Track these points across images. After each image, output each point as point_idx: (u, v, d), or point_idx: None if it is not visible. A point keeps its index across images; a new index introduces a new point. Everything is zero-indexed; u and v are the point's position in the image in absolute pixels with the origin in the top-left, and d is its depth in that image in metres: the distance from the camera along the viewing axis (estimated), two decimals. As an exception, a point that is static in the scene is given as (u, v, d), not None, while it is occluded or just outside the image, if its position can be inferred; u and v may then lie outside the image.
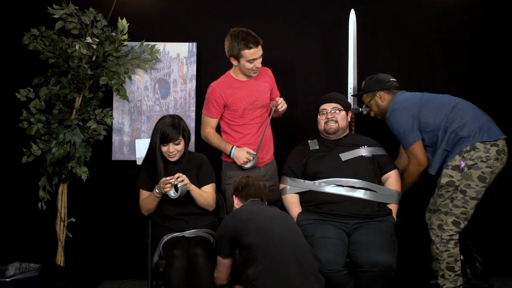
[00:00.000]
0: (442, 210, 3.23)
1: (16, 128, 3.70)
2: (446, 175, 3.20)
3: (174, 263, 2.95)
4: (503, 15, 4.14)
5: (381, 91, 3.43)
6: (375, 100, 3.45)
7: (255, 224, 2.77)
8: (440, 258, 3.25)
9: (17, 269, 3.56)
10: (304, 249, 2.76)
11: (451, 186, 3.20)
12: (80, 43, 3.68)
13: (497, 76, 4.16)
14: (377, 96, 3.44)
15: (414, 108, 3.29)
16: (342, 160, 3.25)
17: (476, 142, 3.16)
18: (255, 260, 2.68)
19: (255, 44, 3.29)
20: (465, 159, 3.17)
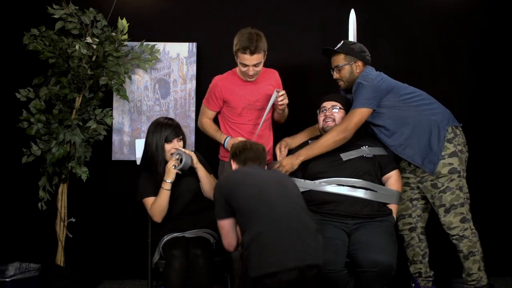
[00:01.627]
0: (456, 203, 3.17)
1: (16, 128, 3.70)
2: (445, 164, 3.16)
3: (173, 263, 2.95)
4: (503, 15, 4.15)
5: (361, 61, 3.34)
6: (351, 67, 3.34)
7: (247, 186, 2.68)
8: (475, 250, 3.18)
9: (17, 269, 3.56)
10: (299, 210, 2.67)
11: (454, 174, 3.16)
12: (80, 43, 3.68)
13: (497, 76, 4.16)
14: (355, 64, 3.33)
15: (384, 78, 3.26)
16: (343, 160, 3.25)
17: (451, 125, 3.21)
18: (250, 224, 2.58)
19: (250, 52, 3.26)
20: (455, 145, 3.19)
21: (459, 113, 3.43)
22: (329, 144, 3.19)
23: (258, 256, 2.51)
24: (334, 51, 3.38)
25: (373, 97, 3.19)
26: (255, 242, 2.54)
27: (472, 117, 4.08)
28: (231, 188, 2.71)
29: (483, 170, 4.05)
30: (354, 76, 3.33)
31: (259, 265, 2.50)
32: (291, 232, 2.55)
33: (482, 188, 4.04)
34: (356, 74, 3.33)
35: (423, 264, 3.42)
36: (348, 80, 3.36)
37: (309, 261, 2.53)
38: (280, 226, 2.56)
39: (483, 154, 4.06)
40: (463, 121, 3.38)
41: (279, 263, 2.48)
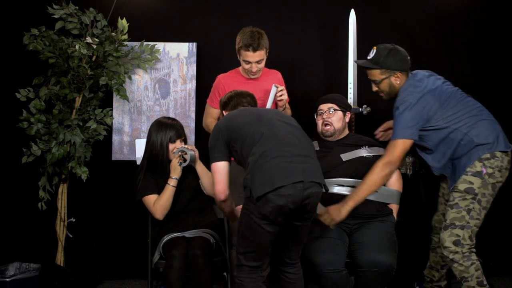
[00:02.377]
0: (457, 224, 2.84)
1: (16, 128, 3.70)
2: (465, 181, 2.86)
3: (173, 263, 2.95)
4: (503, 14, 4.15)
5: (400, 71, 3.00)
6: (390, 80, 3.01)
7: (245, 117, 2.72)
8: (467, 276, 2.82)
9: (17, 269, 3.56)
10: (299, 133, 2.73)
11: (469, 194, 2.85)
12: (80, 43, 3.68)
13: (497, 76, 4.16)
14: (394, 76, 3.00)
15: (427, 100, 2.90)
16: (343, 160, 3.25)
17: (495, 150, 2.88)
18: (253, 147, 2.59)
19: (253, 49, 3.31)
20: (486, 167, 2.86)
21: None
22: (377, 182, 2.91)
23: (262, 175, 2.51)
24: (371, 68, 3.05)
25: (414, 125, 2.88)
26: (259, 162, 2.54)
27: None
28: (229, 126, 2.72)
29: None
30: (395, 88, 3.02)
31: (263, 183, 2.49)
32: (293, 151, 2.57)
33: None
34: (397, 85, 3.01)
35: (439, 273, 3.32)
36: (389, 93, 3.06)
37: (313, 178, 2.54)
38: (283, 145, 2.58)
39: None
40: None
41: (284, 179, 2.48)
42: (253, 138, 2.62)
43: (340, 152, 3.28)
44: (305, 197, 2.53)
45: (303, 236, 2.72)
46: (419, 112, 2.89)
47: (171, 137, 3.20)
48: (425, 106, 2.90)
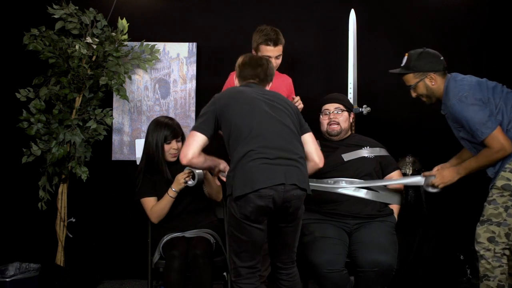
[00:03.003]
0: (494, 220, 2.84)
1: (16, 128, 3.70)
2: (503, 177, 2.84)
3: (173, 263, 2.95)
4: (503, 14, 4.14)
5: (433, 72, 2.99)
6: (425, 82, 2.99)
7: (239, 104, 2.68)
8: (491, 275, 2.82)
9: (17, 269, 3.56)
10: (290, 134, 2.65)
11: (506, 191, 2.82)
12: (80, 43, 3.68)
13: (497, 76, 4.15)
14: (427, 78, 2.98)
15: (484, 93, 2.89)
16: (345, 160, 3.25)
17: None
18: (239, 143, 2.59)
19: (273, 43, 3.33)
20: None
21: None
22: (494, 160, 2.86)
23: (243, 175, 2.52)
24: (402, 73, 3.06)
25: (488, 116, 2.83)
26: (242, 161, 2.54)
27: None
28: (225, 103, 2.71)
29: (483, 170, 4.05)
30: (432, 89, 3.00)
31: (245, 183, 2.50)
32: (278, 154, 2.55)
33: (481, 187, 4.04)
34: (434, 86, 2.99)
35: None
36: (429, 95, 3.03)
37: (295, 181, 2.53)
38: (268, 147, 2.56)
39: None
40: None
41: (265, 181, 2.49)
42: (241, 132, 2.60)
43: (342, 152, 3.28)
44: (286, 199, 2.52)
45: (291, 239, 2.68)
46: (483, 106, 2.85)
47: (167, 137, 3.19)
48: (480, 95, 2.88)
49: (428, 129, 4.05)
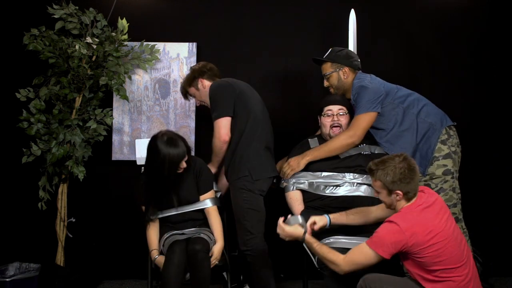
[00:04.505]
0: (449, 204, 3.10)
1: (16, 128, 3.70)
2: (440, 166, 3.15)
3: (173, 258, 2.95)
4: (503, 15, 4.14)
5: (348, 67, 3.33)
6: (338, 74, 3.34)
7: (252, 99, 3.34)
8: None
9: (17, 269, 3.56)
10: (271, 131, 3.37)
11: (448, 175, 3.15)
12: (80, 43, 3.68)
13: (497, 76, 4.16)
14: (342, 70, 3.33)
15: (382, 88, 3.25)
16: (341, 158, 3.26)
17: (445, 127, 3.20)
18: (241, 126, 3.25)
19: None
20: (449, 147, 3.18)
21: (458, 113, 3.43)
22: (337, 148, 3.20)
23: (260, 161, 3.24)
24: (321, 60, 3.39)
25: (375, 99, 3.19)
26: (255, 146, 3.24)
27: (472, 117, 4.09)
28: (240, 90, 3.31)
29: (484, 170, 4.05)
30: (342, 82, 3.34)
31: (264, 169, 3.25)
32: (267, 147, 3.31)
33: (481, 187, 4.04)
34: (345, 80, 3.33)
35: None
36: (338, 87, 3.36)
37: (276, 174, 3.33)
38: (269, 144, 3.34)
39: (484, 154, 4.06)
40: (463, 121, 3.38)
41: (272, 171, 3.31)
42: (257, 126, 3.28)
43: None
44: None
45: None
46: (378, 88, 3.22)
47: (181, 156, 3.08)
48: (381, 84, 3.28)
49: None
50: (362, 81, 3.26)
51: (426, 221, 2.47)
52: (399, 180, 2.51)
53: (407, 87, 3.55)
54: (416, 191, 2.57)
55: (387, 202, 2.62)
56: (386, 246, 2.45)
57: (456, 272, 2.46)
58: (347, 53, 3.38)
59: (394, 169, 2.52)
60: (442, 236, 2.45)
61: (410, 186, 2.53)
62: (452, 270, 2.46)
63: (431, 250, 2.44)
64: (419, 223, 2.45)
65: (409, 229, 2.43)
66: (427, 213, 2.50)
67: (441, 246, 2.44)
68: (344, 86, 3.34)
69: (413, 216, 2.48)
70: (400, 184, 2.52)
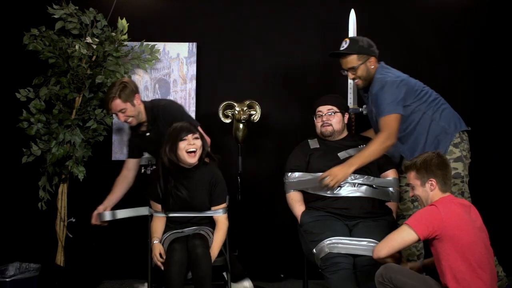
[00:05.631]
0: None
1: (16, 128, 3.70)
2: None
3: (173, 256, 2.95)
4: (503, 15, 4.15)
5: (373, 56, 3.25)
6: (366, 65, 3.22)
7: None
8: None
9: (17, 269, 3.56)
10: None
11: (457, 178, 3.13)
12: (80, 43, 3.68)
13: (497, 76, 4.16)
14: (369, 61, 3.23)
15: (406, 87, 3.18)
16: (340, 158, 3.26)
17: (459, 131, 3.20)
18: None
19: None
20: (461, 151, 3.18)
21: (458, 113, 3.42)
22: (379, 151, 3.10)
23: None
24: (345, 53, 3.25)
25: (400, 100, 3.12)
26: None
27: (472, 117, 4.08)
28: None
29: (484, 170, 4.05)
30: (370, 73, 3.24)
31: None
32: None
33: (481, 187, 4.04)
34: (372, 70, 3.23)
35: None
36: (366, 78, 3.26)
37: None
38: None
39: (484, 155, 4.06)
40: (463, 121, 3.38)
41: None
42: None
43: (338, 151, 3.29)
44: None
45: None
46: (400, 90, 3.13)
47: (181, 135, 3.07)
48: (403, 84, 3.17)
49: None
50: (383, 79, 3.16)
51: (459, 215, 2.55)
52: (434, 165, 2.62)
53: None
54: (448, 186, 2.66)
55: (422, 196, 2.68)
56: (423, 224, 2.52)
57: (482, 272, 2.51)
58: (368, 41, 3.27)
59: (428, 157, 2.66)
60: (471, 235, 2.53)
61: (443, 175, 2.63)
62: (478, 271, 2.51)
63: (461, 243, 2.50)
64: (453, 210, 2.55)
65: (446, 212, 2.52)
66: (461, 209, 2.59)
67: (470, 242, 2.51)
68: (370, 75, 3.24)
69: (450, 205, 2.57)
70: (435, 171, 2.62)
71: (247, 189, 3.94)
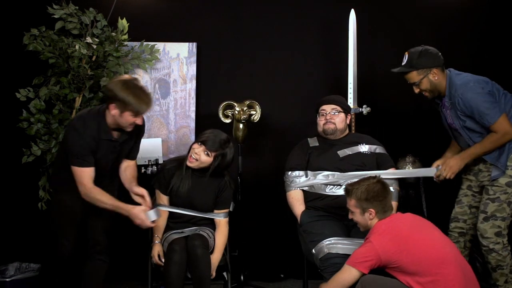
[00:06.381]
0: (498, 215, 3.04)
1: (16, 128, 3.70)
2: (507, 175, 3.04)
3: (173, 257, 2.95)
4: (503, 15, 4.14)
5: (435, 68, 3.14)
6: (428, 78, 3.13)
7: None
8: (503, 264, 3.07)
9: (17, 269, 3.56)
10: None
11: (510, 187, 3.03)
12: (80, 43, 3.68)
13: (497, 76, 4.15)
14: (431, 73, 3.13)
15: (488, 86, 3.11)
16: (340, 156, 3.27)
17: None
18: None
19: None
20: None
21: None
22: (492, 147, 3.04)
23: None
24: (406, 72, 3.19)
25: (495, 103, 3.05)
26: None
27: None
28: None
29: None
30: (435, 83, 3.14)
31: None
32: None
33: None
34: (436, 81, 3.13)
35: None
36: (432, 90, 3.16)
37: None
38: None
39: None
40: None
41: None
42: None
43: (338, 149, 3.30)
44: None
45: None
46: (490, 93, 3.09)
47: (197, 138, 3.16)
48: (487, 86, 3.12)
49: (428, 128, 4.05)
50: (466, 83, 3.08)
51: (398, 229, 2.62)
52: (372, 198, 2.68)
53: (407, 86, 3.55)
54: (388, 211, 2.72)
55: (361, 222, 2.77)
56: (362, 262, 2.60)
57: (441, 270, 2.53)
58: (429, 52, 3.16)
59: (367, 187, 2.70)
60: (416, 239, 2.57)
61: (382, 205, 2.69)
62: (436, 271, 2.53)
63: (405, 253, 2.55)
64: (390, 232, 2.60)
65: (380, 241, 2.58)
66: (398, 221, 2.66)
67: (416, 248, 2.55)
68: (437, 87, 3.15)
69: (384, 227, 2.63)
70: (374, 202, 2.68)
71: (247, 189, 3.94)
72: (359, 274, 2.60)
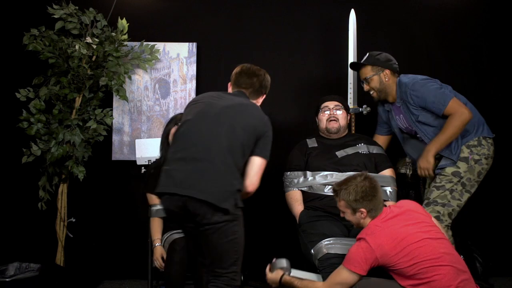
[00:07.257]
0: (439, 201, 3.16)
1: (16, 128, 3.70)
2: (455, 166, 3.18)
3: (174, 257, 2.96)
4: (503, 15, 4.14)
5: (388, 69, 3.33)
6: (380, 76, 3.31)
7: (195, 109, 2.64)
8: None
9: (17, 269, 3.56)
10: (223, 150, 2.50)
11: (455, 177, 3.16)
12: (80, 43, 3.68)
13: (497, 76, 4.16)
14: (383, 73, 3.31)
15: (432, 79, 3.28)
16: (338, 157, 3.27)
17: (479, 136, 3.23)
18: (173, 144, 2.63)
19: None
20: (473, 153, 3.20)
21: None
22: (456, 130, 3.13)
23: (162, 174, 2.56)
24: (361, 64, 3.37)
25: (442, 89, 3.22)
26: (167, 161, 2.59)
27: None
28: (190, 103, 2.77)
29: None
30: (384, 85, 3.32)
31: (159, 183, 2.56)
32: (196, 164, 2.48)
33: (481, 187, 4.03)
34: (386, 82, 3.31)
35: None
36: (380, 90, 3.33)
37: (194, 194, 2.42)
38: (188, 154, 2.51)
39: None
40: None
41: (164, 187, 2.52)
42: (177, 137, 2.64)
43: (336, 150, 3.31)
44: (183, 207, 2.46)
45: (211, 243, 2.49)
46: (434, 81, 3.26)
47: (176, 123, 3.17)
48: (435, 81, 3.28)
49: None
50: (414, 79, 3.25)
51: (392, 230, 2.57)
52: (361, 198, 2.63)
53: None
54: (379, 208, 2.67)
55: (353, 221, 2.74)
56: (358, 263, 2.55)
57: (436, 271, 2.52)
58: (386, 56, 3.37)
59: (356, 188, 2.64)
60: (412, 239, 2.54)
61: (373, 203, 2.64)
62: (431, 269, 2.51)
63: (402, 255, 2.52)
64: (385, 233, 2.56)
65: (376, 242, 2.54)
66: (393, 223, 2.61)
67: (412, 248, 2.52)
68: (386, 88, 3.32)
69: (379, 229, 2.59)
70: (363, 202, 2.63)
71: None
72: (357, 277, 2.57)
